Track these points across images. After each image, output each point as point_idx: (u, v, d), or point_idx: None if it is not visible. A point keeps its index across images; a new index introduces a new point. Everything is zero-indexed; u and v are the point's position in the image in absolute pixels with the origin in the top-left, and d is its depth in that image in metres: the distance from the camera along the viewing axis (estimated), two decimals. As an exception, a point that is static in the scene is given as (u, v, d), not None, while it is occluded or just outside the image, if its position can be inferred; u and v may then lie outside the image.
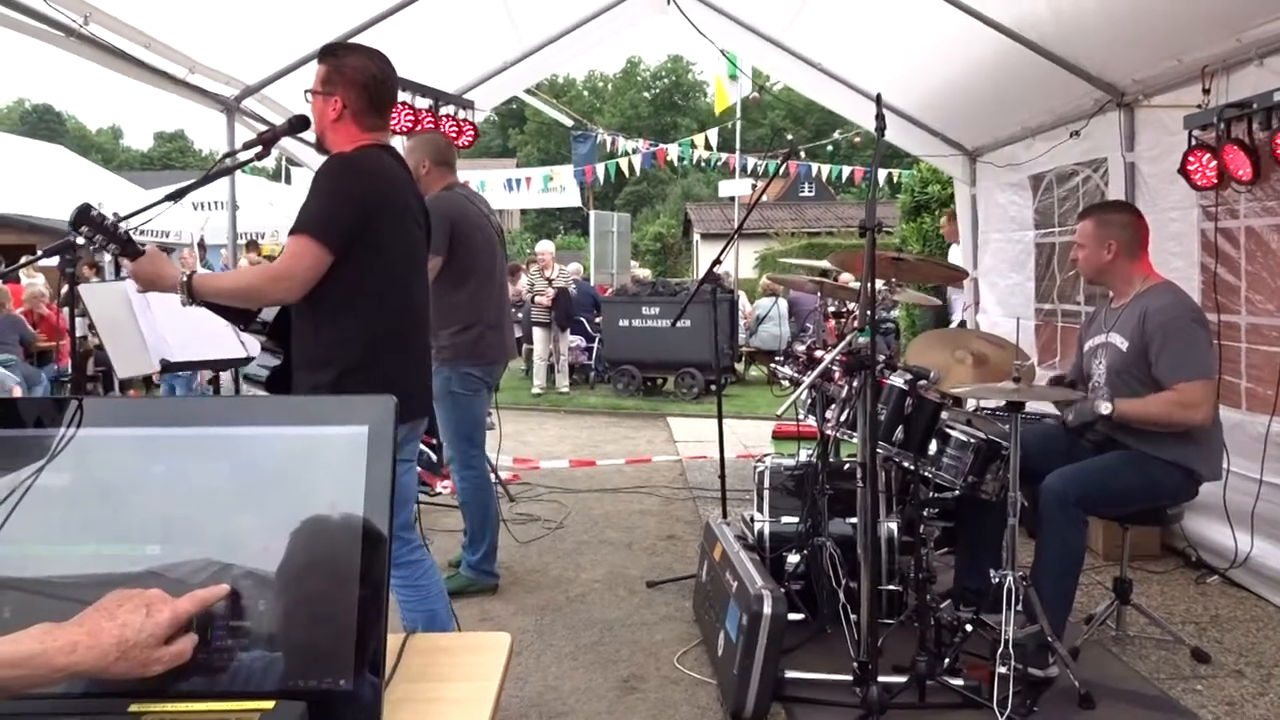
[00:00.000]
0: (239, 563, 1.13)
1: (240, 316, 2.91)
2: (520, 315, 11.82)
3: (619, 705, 3.39)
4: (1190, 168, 4.38)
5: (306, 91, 2.85)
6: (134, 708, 1.04)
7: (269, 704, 1.04)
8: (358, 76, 2.79)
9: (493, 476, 4.97)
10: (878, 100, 3.11)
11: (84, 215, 2.51)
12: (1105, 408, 3.46)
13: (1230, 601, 4.30)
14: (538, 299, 12.03)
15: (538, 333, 12.14)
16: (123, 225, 2.61)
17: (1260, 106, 3.99)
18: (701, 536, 4.31)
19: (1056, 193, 6.29)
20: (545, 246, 13.10)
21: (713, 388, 9.11)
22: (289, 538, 1.14)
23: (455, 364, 4.27)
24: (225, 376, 4.93)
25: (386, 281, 2.74)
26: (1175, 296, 3.58)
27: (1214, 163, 4.26)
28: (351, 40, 4.88)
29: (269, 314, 2.89)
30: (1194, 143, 4.41)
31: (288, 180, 18.16)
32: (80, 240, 2.58)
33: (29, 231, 13.19)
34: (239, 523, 1.15)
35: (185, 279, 2.62)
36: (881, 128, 3.11)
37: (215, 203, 13.06)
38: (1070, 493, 3.42)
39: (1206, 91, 4.43)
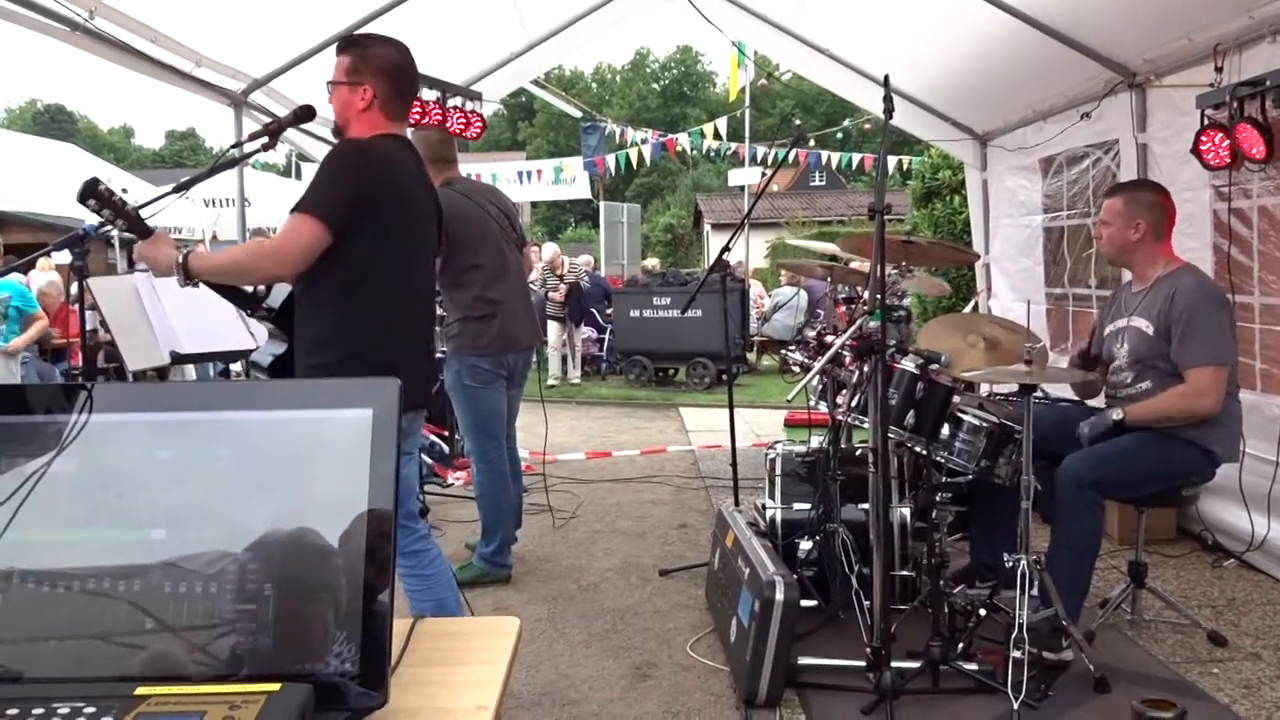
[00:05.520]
0: (245, 546, 1.12)
1: (247, 301, 2.90)
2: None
3: (631, 693, 3.39)
4: (1203, 147, 4.32)
5: (328, 83, 2.82)
6: (140, 690, 1.04)
7: (275, 686, 1.04)
8: (385, 65, 2.78)
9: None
10: (885, 82, 3.08)
11: (91, 189, 2.48)
12: (1117, 414, 3.47)
13: (1247, 585, 4.27)
14: (551, 295, 12.08)
15: (551, 325, 12.20)
16: (130, 202, 2.59)
17: (1273, 84, 3.92)
18: (714, 524, 4.31)
19: (1066, 176, 6.24)
20: (551, 250, 13.18)
21: (724, 377, 9.10)
22: (294, 520, 1.13)
23: (464, 354, 4.26)
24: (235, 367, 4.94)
25: (390, 268, 2.72)
26: (1200, 279, 3.57)
27: (1227, 142, 4.19)
28: (360, 31, 4.87)
29: (275, 300, 2.88)
30: (1206, 122, 4.35)
31: (298, 176, 18.14)
32: (89, 210, 2.53)
33: (41, 230, 13.22)
34: (244, 506, 1.15)
35: (181, 259, 2.58)
36: (889, 109, 3.08)
37: (226, 199, 13.09)
38: (1087, 476, 3.40)
39: (1219, 70, 4.37)
